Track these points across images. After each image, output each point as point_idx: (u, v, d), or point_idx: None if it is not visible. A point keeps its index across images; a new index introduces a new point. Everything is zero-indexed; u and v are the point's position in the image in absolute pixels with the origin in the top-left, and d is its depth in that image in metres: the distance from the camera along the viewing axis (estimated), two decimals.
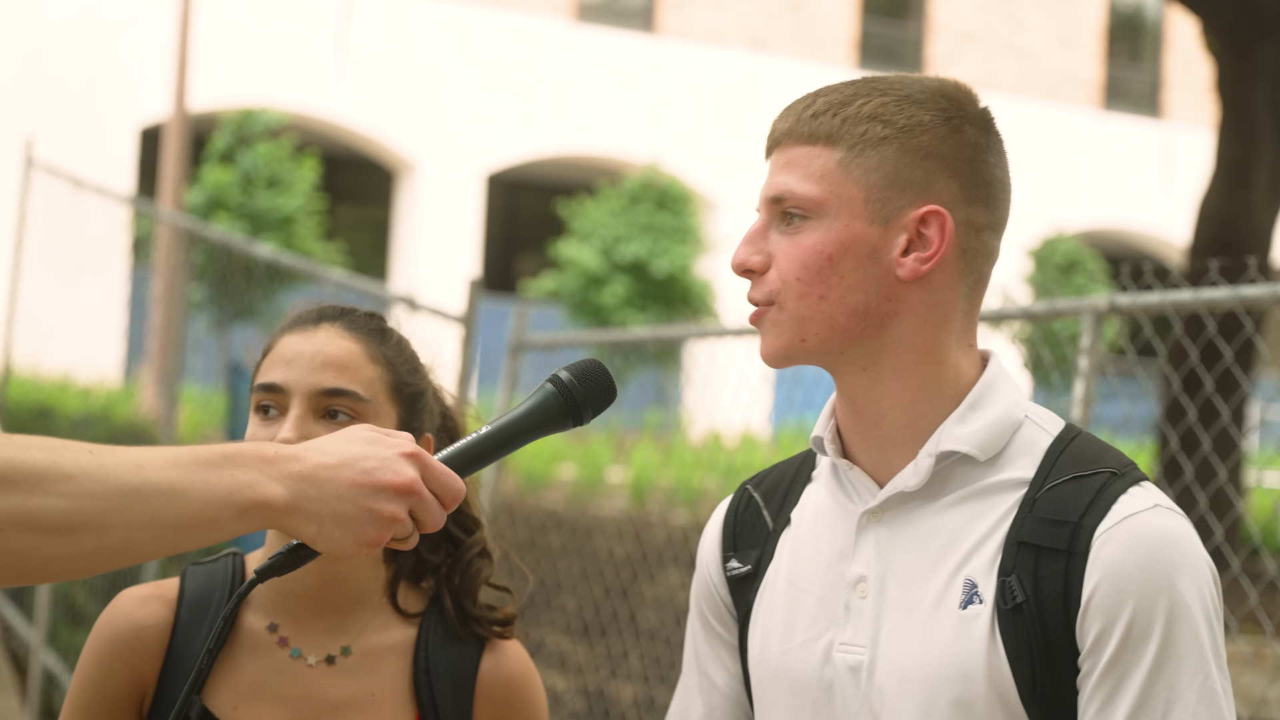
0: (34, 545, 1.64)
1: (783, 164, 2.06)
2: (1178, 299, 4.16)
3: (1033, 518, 1.95)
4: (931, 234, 2.01)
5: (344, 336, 2.39)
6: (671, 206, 24.60)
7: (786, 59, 28.99)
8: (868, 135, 2.00)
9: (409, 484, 1.78)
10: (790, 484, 2.22)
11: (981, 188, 2.04)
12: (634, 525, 11.91)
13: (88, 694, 2.39)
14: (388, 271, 26.87)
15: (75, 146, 21.30)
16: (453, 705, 2.42)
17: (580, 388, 1.95)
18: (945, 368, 2.04)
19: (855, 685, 2.02)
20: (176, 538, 1.70)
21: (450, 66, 26.37)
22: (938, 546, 2.00)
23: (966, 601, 1.95)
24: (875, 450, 2.07)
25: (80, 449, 1.69)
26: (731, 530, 2.26)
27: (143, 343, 17.36)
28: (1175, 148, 32.01)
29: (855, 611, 2.04)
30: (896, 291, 2.01)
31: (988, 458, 2.01)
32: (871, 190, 2.00)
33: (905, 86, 2.04)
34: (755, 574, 2.18)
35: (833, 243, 2.00)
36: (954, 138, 2.02)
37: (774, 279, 2.03)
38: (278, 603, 2.40)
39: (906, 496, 2.03)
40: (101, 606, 9.92)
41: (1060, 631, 1.91)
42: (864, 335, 2.01)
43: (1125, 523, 1.91)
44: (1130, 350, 4.44)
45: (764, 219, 2.07)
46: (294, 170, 22.10)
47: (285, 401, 2.34)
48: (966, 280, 2.05)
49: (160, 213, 13.48)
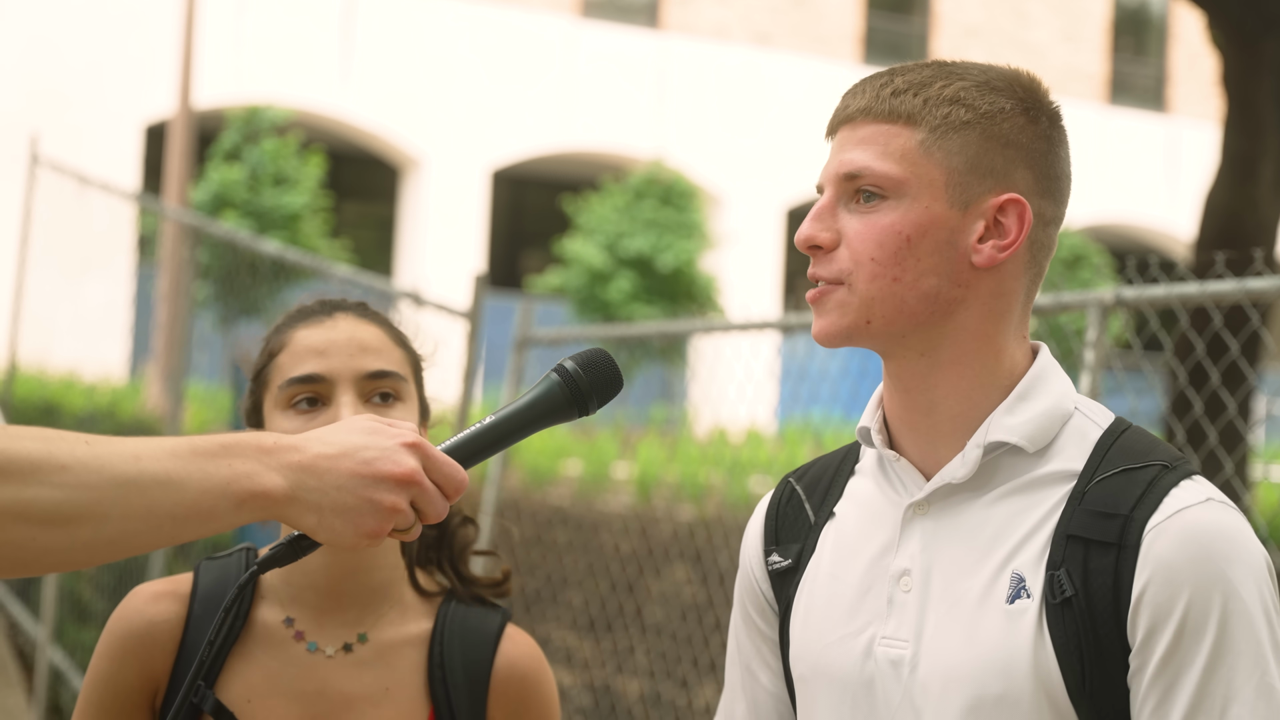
0: (29, 536, 1.63)
1: (856, 140, 2.02)
2: (1184, 292, 4.15)
3: (1082, 510, 1.93)
4: (1010, 223, 1.99)
5: (365, 322, 2.40)
6: (676, 202, 24.58)
7: (791, 54, 28.98)
8: (951, 118, 1.98)
9: (409, 474, 1.77)
10: (834, 476, 2.20)
11: (1052, 181, 2.03)
12: (640, 521, 11.91)
13: (101, 690, 2.39)
14: (393, 268, 26.87)
15: (80, 143, 21.30)
16: (467, 699, 2.42)
17: (585, 377, 1.93)
18: (1002, 358, 2.02)
19: (897, 680, 1.99)
20: (174, 528, 1.69)
21: (455, 63, 26.37)
22: (985, 540, 1.98)
23: (1014, 596, 1.93)
24: (924, 441, 2.04)
25: (76, 439, 1.68)
26: (774, 524, 2.24)
27: (148, 340, 17.37)
28: (1180, 142, 31.99)
29: (899, 605, 2.02)
30: (967, 278, 1.99)
31: (1037, 449, 1.99)
32: (953, 174, 1.98)
33: (983, 73, 2.03)
34: (796, 568, 2.16)
35: (912, 224, 1.97)
36: (1031, 128, 2.01)
37: (844, 257, 2.00)
38: (295, 596, 2.40)
39: (954, 489, 2.01)
40: (108, 603, 9.96)
41: (1110, 626, 1.88)
42: (930, 320, 1.99)
43: (1177, 516, 1.89)
44: (1136, 344, 4.43)
45: (832, 196, 2.03)
46: (300, 167, 22.09)
47: (329, 391, 2.34)
48: (1030, 272, 2.03)
49: (165, 209, 13.47)
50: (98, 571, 10.42)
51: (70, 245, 12.69)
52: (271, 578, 2.43)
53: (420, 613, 2.46)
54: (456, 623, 2.46)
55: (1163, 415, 5.85)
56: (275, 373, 2.40)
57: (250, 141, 22.18)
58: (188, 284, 9.48)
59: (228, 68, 24.11)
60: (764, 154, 27.97)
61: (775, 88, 28.40)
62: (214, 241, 11.96)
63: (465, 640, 2.45)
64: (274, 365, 2.40)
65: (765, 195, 27.90)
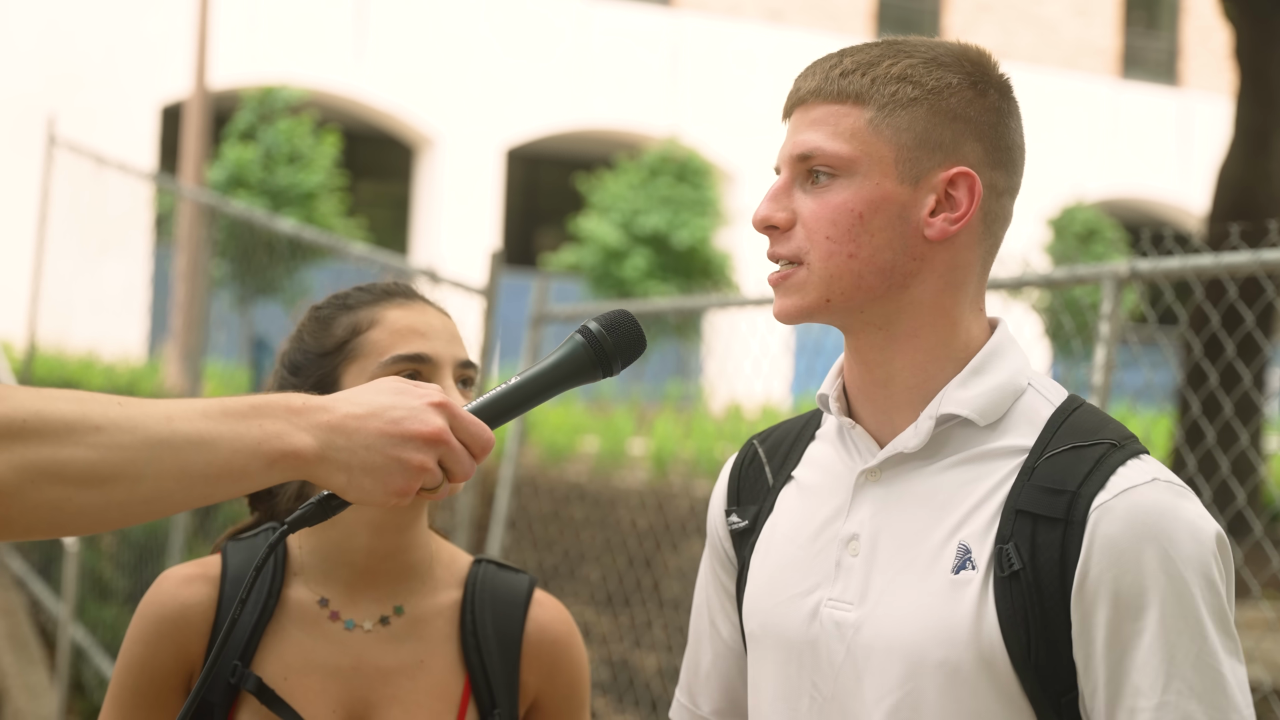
0: (65, 497, 1.65)
1: (809, 122, 2.06)
2: (1199, 264, 4.16)
3: (1031, 486, 1.96)
4: (960, 195, 2.02)
5: (442, 313, 2.44)
6: (690, 179, 24.58)
7: (803, 31, 28.94)
8: (898, 95, 2.01)
9: (437, 433, 1.78)
10: (794, 441, 2.24)
11: (1003, 152, 2.06)
12: (656, 496, 11.93)
13: (135, 674, 2.40)
14: (408, 246, 26.90)
15: (97, 124, 21.35)
16: (501, 665, 2.45)
17: (610, 338, 1.94)
18: (958, 330, 2.05)
19: (841, 641, 2.03)
20: (206, 488, 1.71)
21: (469, 41, 26.36)
22: (933, 509, 2.01)
23: (959, 566, 1.96)
24: (880, 411, 2.08)
25: (109, 401, 1.69)
26: (736, 485, 2.28)
27: (165, 319, 17.42)
28: (1193, 115, 31.91)
29: (846, 569, 2.05)
30: (921, 251, 2.02)
31: (988, 423, 2.02)
32: (902, 150, 2.01)
33: (930, 49, 2.05)
34: (753, 528, 2.21)
35: (863, 201, 2.00)
36: (979, 101, 2.04)
37: (800, 236, 2.03)
38: (329, 575, 2.42)
39: (905, 457, 2.05)
40: (128, 581, 10.01)
41: (1056, 600, 1.92)
42: (886, 294, 2.02)
43: (1123, 495, 1.91)
44: (1151, 317, 4.45)
45: (787, 177, 2.07)
46: (315, 146, 22.10)
47: (431, 373, 2.36)
48: (985, 243, 2.06)
49: (183, 189, 13.50)
50: (118, 549, 10.48)
51: (88, 225, 12.73)
52: (304, 557, 2.45)
53: (449, 583, 2.48)
54: (485, 590, 2.49)
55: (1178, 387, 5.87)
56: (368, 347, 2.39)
57: (265, 121, 22.19)
58: (205, 263, 9.52)
59: (243, 48, 24.12)
60: (777, 130, 27.88)
61: (788, 64, 28.35)
62: (230, 221, 11.98)
63: (495, 607, 2.48)
64: (365, 339, 2.40)
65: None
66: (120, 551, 10.41)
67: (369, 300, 2.45)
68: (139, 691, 2.40)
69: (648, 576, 9.57)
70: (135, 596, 9.94)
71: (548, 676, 2.51)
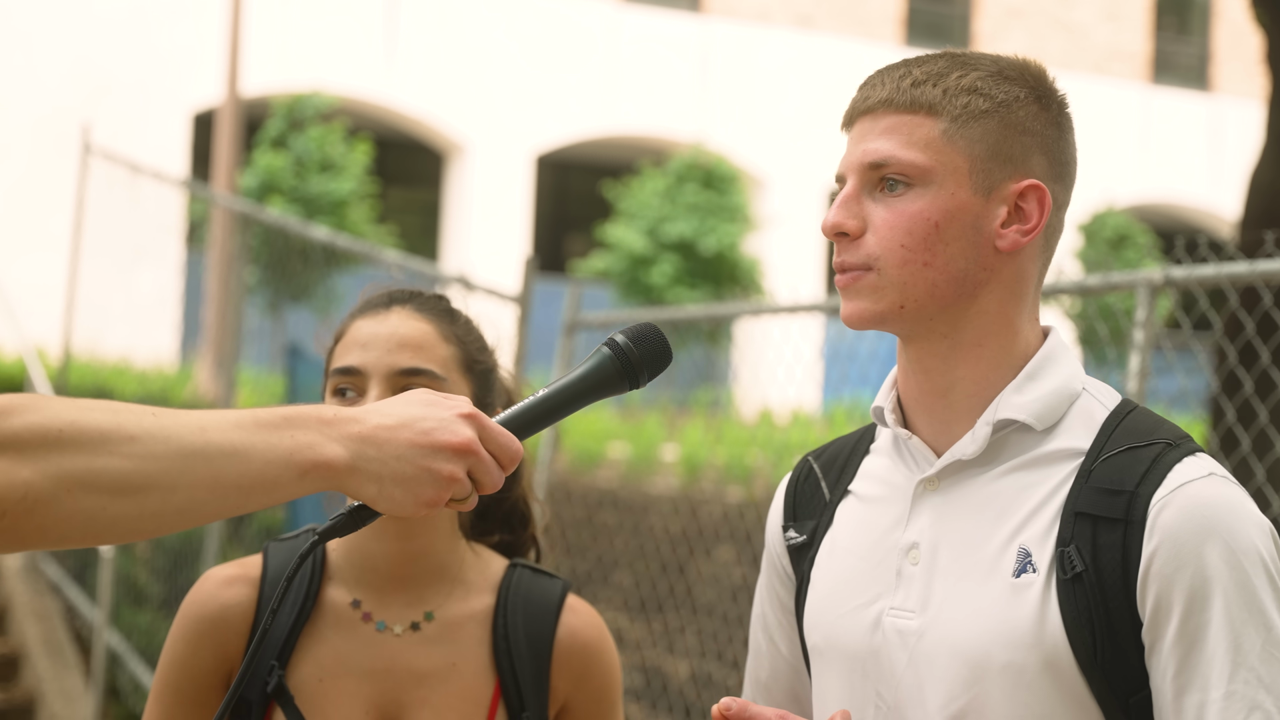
0: (100, 506, 1.66)
1: (880, 131, 2.07)
2: (1234, 271, 4.16)
3: (1089, 488, 1.98)
4: (1030, 208, 2.06)
5: (416, 318, 2.45)
6: (718, 185, 24.57)
7: (833, 37, 28.92)
8: (970, 107, 2.04)
9: (466, 444, 1.80)
10: (849, 456, 2.27)
11: (1062, 166, 2.10)
12: (688, 502, 11.94)
13: (177, 672, 2.45)
14: (438, 253, 26.94)
15: (129, 132, 21.42)
16: (531, 670, 2.48)
17: (636, 351, 1.96)
18: (1017, 339, 2.09)
19: (904, 649, 2.05)
20: (239, 498, 1.73)
21: (498, 48, 26.40)
22: (992, 515, 2.04)
23: (1020, 570, 1.98)
24: (937, 421, 2.10)
25: (143, 411, 1.71)
26: (792, 501, 2.31)
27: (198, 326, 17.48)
28: (1224, 121, 31.80)
29: (907, 578, 2.07)
30: (991, 262, 2.05)
31: (1044, 427, 2.05)
32: (975, 161, 2.04)
33: (994, 62, 2.09)
34: (811, 543, 2.24)
35: (939, 210, 2.03)
36: (1044, 115, 2.08)
37: (872, 244, 2.05)
38: (360, 579, 2.46)
39: (963, 465, 2.07)
40: (163, 587, 10.06)
41: (1120, 599, 1.94)
42: (957, 303, 2.05)
43: (1181, 490, 1.94)
44: (1185, 324, 4.46)
45: (856, 184, 2.09)
46: (346, 154, 22.16)
47: (363, 384, 2.40)
48: (1044, 255, 2.10)
49: (218, 197, 13.56)
50: (153, 555, 10.53)
51: (121, 233, 12.79)
52: (338, 560, 2.49)
53: (482, 588, 2.51)
54: (518, 596, 2.52)
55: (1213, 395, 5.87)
56: (330, 359, 2.48)
57: (296, 129, 22.26)
58: (240, 270, 9.56)
59: (274, 55, 24.19)
60: (806, 137, 27.92)
61: (817, 70, 28.35)
62: (263, 228, 12.03)
63: (527, 613, 2.51)
64: (333, 352, 2.48)
65: (808, 178, 27.86)
66: (155, 557, 10.47)
67: (353, 312, 2.51)
68: (180, 690, 2.45)
69: (680, 583, 9.57)
70: (170, 602, 9.99)
71: (578, 681, 2.54)
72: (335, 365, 2.44)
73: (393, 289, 2.53)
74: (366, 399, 2.38)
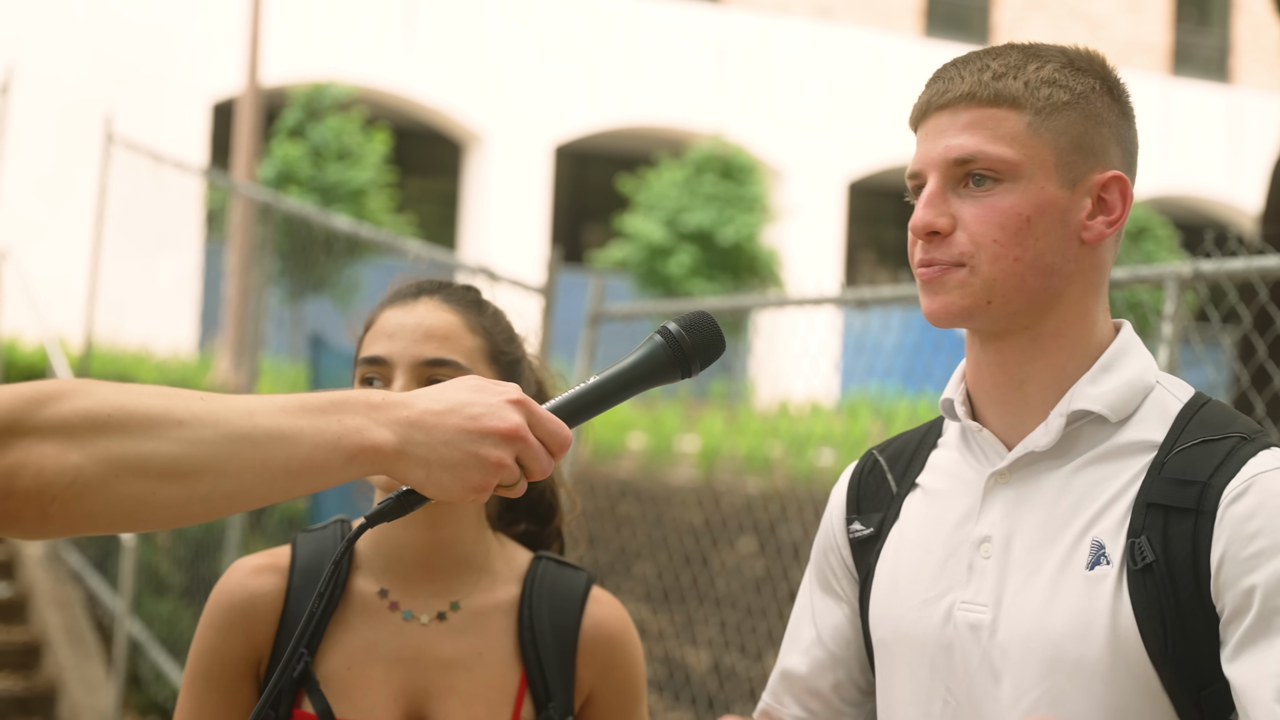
0: (149, 490, 1.67)
1: (962, 125, 2.05)
2: (1263, 265, 4.15)
3: (1162, 479, 1.98)
4: (1113, 199, 2.06)
5: (443, 308, 2.46)
6: (736, 176, 24.55)
7: (852, 28, 28.87)
8: (1052, 99, 2.04)
9: (515, 430, 1.78)
10: (916, 449, 2.26)
11: (1132, 156, 2.11)
12: (710, 493, 11.94)
13: (207, 660, 2.47)
14: (456, 243, 26.96)
15: (149, 121, 21.44)
16: (557, 661, 2.49)
17: (689, 339, 1.95)
18: (1094, 331, 2.08)
19: (976, 644, 2.04)
20: (288, 483, 1.72)
21: (517, 38, 26.40)
22: (1065, 507, 2.02)
23: (1094, 562, 1.98)
24: (1010, 413, 2.09)
25: (192, 396, 1.71)
26: (856, 494, 2.30)
27: (217, 315, 17.50)
28: (1244, 113, 31.72)
29: (979, 571, 2.06)
30: (1077, 254, 2.05)
31: (1119, 419, 2.04)
32: (1061, 154, 2.03)
33: (1062, 53, 2.09)
34: (878, 536, 2.22)
35: (1030, 205, 2.02)
36: (1116, 106, 2.09)
37: (964, 241, 2.04)
38: (387, 568, 2.48)
39: (1036, 457, 2.06)
40: (184, 575, 10.08)
41: (1190, 590, 1.93)
42: (1042, 296, 2.04)
43: (1255, 481, 1.93)
44: (1214, 317, 4.44)
45: (939, 181, 2.07)
46: (364, 143, 22.16)
47: (389, 373, 2.41)
48: (1116, 246, 2.11)
49: (239, 186, 13.57)
50: (174, 544, 10.56)
51: (143, 222, 12.81)
52: (366, 550, 2.51)
53: (508, 579, 2.53)
54: (544, 587, 2.53)
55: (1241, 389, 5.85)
56: (359, 348, 2.49)
57: (313, 119, 22.26)
58: (263, 259, 9.56)
59: (294, 45, 24.20)
60: (826, 127, 27.90)
61: (837, 61, 28.31)
62: (284, 217, 12.04)
63: (553, 604, 2.52)
64: (362, 341, 2.50)
65: (827, 169, 27.83)
66: (176, 546, 10.49)
67: (383, 301, 2.52)
68: (211, 678, 2.47)
69: (703, 574, 9.58)
70: (191, 591, 10.02)
71: (602, 672, 2.55)
72: (363, 354, 2.45)
73: (422, 280, 2.54)
74: (392, 389, 2.39)
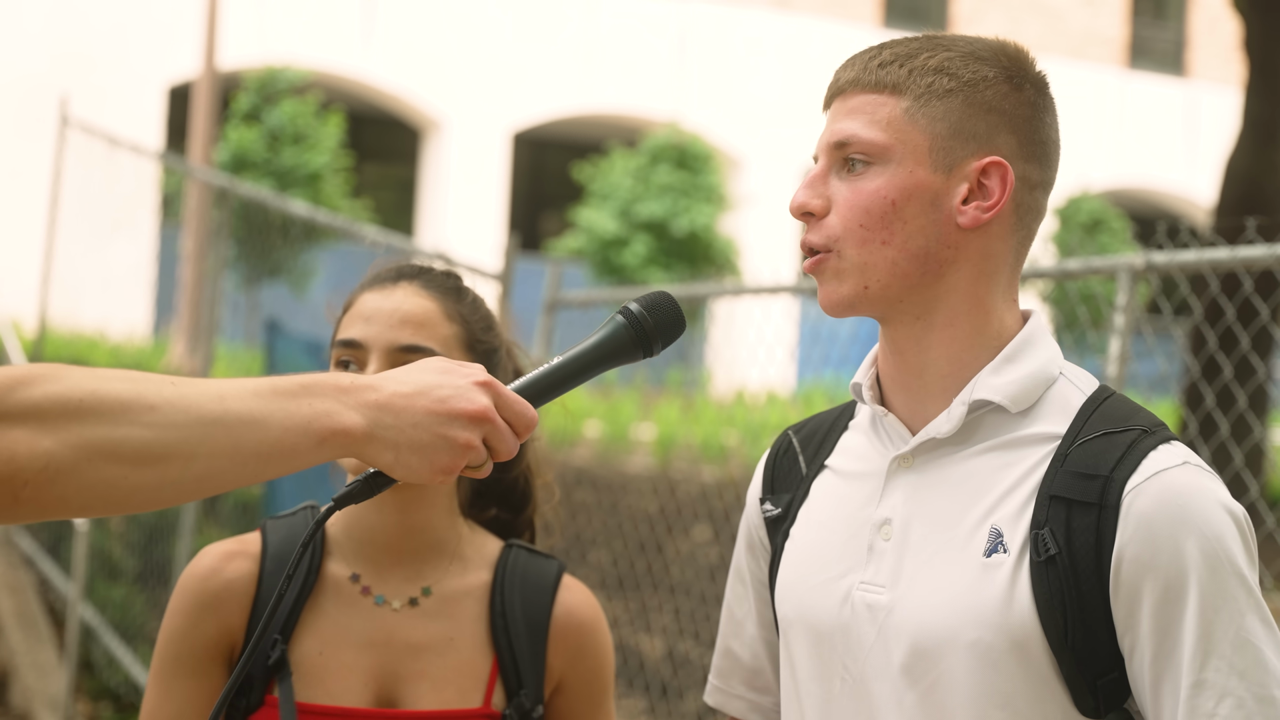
0: (121, 475, 1.68)
1: (846, 111, 2.10)
2: (1215, 257, 4.18)
3: (1064, 472, 2.00)
4: (992, 185, 2.06)
5: (421, 294, 2.46)
6: (692, 165, 24.56)
7: (811, 17, 28.91)
8: (934, 86, 2.06)
9: (483, 411, 1.81)
10: (828, 431, 2.29)
11: (1037, 146, 2.10)
12: (666, 481, 11.96)
13: (177, 645, 2.47)
14: (414, 229, 26.91)
15: (105, 104, 21.33)
16: (528, 646, 2.50)
17: (650, 319, 1.97)
18: (991, 319, 2.09)
19: (873, 624, 2.07)
20: (259, 466, 1.74)
21: (477, 24, 26.35)
22: (965, 494, 2.05)
23: (991, 550, 2.00)
24: (913, 400, 2.12)
25: (163, 380, 1.73)
26: (770, 474, 2.34)
27: (171, 299, 17.43)
28: (1200, 106, 31.88)
29: (878, 553, 2.09)
30: (955, 239, 2.06)
31: (1020, 410, 2.06)
32: (936, 139, 2.05)
33: (969, 44, 2.10)
34: (786, 516, 2.25)
35: (896, 188, 2.05)
36: (1015, 95, 2.08)
37: (834, 224, 2.08)
38: (359, 552, 2.48)
39: (938, 443, 2.09)
40: (137, 561, 10.03)
41: (1093, 583, 1.95)
42: (923, 281, 2.06)
43: (1155, 478, 1.95)
44: (1166, 308, 4.48)
45: (824, 165, 2.11)
46: (319, 127, 22.09)
47: (364, 357, 2.42)
48: (1017, 234, 2.11)
49: (196, 170, 13.52)
50: (127, 529, 10.51)
51: (98, 206, 12.75)
52: (337, 534, 2.51)
53: (479, 565, 2.53)
54: (515, 574, 2.54)
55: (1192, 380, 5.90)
56: (336, 330, 2.49)
57: (269, 103, 22.18)
58: (219, 244, 9.53)
59: (251, 29, 24.10)
60: (783, 117, 27.93)
61: (795, 51, 28.35)
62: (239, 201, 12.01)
63: (524, 590, 2.53)
64: (340, 323, 2.50)
65: (785, 158, 27.86)
66: (129, 531, 10.45)
67: (361, 284, 2.52)
68: (180, 662, 2.47)
69: (658, 561, 9.60)
70: (144, 577, 9.98)
71: (572, 660, 2.56)
72: (339, 337, 2.46)
73: (403, 264, 2.54)
74: (367, 373, 2.39)
